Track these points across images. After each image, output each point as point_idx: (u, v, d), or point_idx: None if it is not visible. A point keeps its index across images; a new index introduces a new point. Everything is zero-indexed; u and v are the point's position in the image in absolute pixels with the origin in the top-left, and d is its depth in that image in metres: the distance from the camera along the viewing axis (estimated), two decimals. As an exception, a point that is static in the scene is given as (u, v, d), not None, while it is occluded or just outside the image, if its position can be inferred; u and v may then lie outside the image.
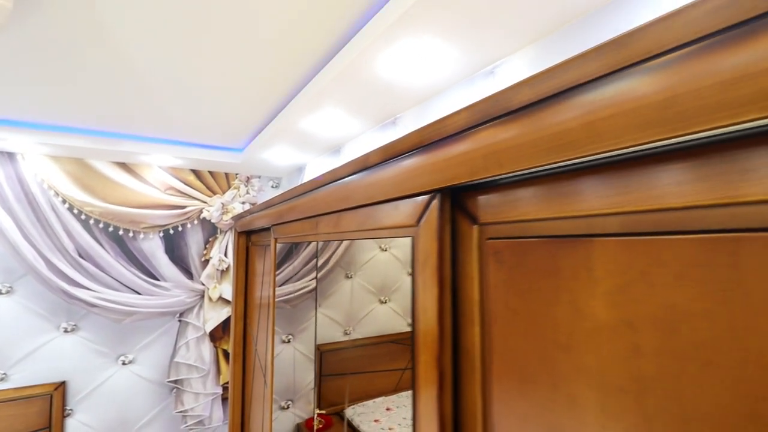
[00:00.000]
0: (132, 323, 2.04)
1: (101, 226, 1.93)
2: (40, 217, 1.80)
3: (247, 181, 2.33)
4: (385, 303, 1.02)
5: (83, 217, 1.88)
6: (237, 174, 2.31)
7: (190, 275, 2.17)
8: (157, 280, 2.07)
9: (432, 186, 0.43)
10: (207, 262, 2.20)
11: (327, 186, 0.72)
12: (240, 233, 1.62)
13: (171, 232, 2.11)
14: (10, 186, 1.74)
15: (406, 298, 0.49)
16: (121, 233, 1.98)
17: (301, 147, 1.83)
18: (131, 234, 2.00)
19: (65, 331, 1.92)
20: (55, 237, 1.82)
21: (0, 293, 1.80)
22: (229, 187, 2.28)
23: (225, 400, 2.23)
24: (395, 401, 0.91)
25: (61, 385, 1.88)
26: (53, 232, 1.81)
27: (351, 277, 1.14)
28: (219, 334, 2.23)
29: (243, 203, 2.26)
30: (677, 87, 0.22)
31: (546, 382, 0.33)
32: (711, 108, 0.20)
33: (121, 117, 1.58)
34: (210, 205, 2.16)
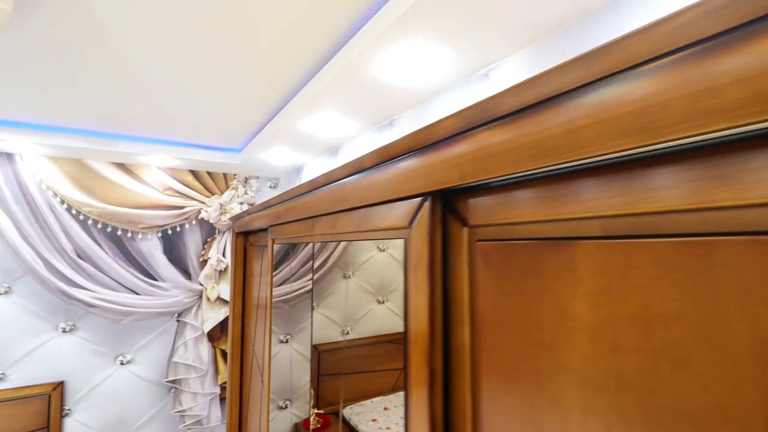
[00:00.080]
0: (130, 323, 2.04)
1: (99, 226, 1.94)
2: (38, 218, 1.81)
3: (246, 182, 2.34)
4: (383, 303, 1.03)
5: (81, 218, 1.88)
6: (235, 174, 2.31)
7: (188, 275, 2.18)
8: (156, 280, 2.08)
9: (424, 189, 0.44)
10: (205, 262, 2.21)
11: (323, 188, 0.73)
12: (238, 234, 1.63)
13: (169, 232, 2.12)
14: (8, 186, 1.74)
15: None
16: (120, 234, 1.98)
17: (299, 148, 1.84)
18: (129, 234, 2.01)
19: (63, 331, 1.92)
20: (54, 237, 1.83)
21: (-2, 293, 1.81)
22: (228, 188, 2.28)
23: (223, 399, 2.23)
24: (393, 401, 0.91)
25: (60, 385, 1.88)
26: (51, 232, 1.82)
27: (349, 277, 1.15)
28: (217, 334, 2.23)
29: (241, 204, 2.26)
30: (649, 98, 0.23)
31: (531, 380, 0.34)
32: (680, 119, 0.22)
33: (120, 118, 1.58)
34: (208, 206, 2.17)
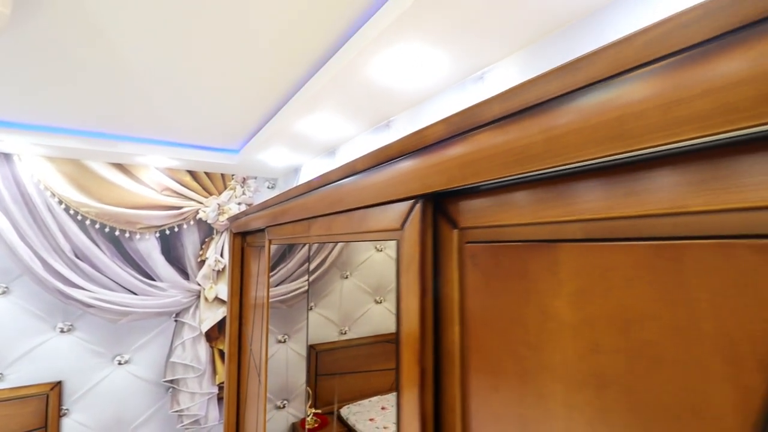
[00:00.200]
0: (128, 323, 2.05)
1: (97, 226, 1.94)
2: (36, 218, 1.81)
3: (243, 182, 2.34)
4: (381, 303, 1.03)
5: (79, 218, 1.89)
6: (233, 175, 2.31)
7: (186, 276, 2.18)
8: (153, 280, 2.08)
9: (415, 192, 0.45)
10: (203, 262, 2.21)
11: (318, 190, 0.74)
12: (235, 234, 1.64)
13: (167, 232, 2.12)
14: (6, 187, 1.75)
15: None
16: (118, 234, 1.99)
17: (297, 148, 1.85)
18: (127, 234, 2.01)
19: (61, 331, 1.93)
20: (52, 237, 1.83)
21: (-4, 294, 1.81)
22: (226, 188, 2.29)
23: (221, 399, 2.24)
24: (390, 400, 0.92)
25: (57, 385, 1.89)
26: (49, 232, 1.82)
27: (347, 278, 1.16)
28: (215, 334, 2.24)
29: (239, 204, 2.27)
30: (626, 107, 0.24)
31: (517, 378, 0.35)
32: (654, 127, 0.23)
33: (118, 118, 1.59)
34: (206, 206, 2.17)
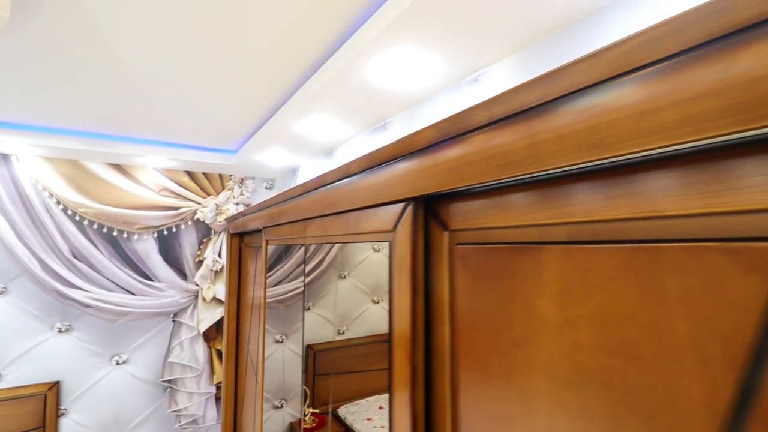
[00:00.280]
0: (126, 323, 2.05)
1: (95, 227, 1.95)
2: (34, 219, 1.81)
3: (241, 183, 2.35)
4: (378, 303, 1.04)
5: (77, 218, 1.89)
6: (231, 175, 2.32)
7: (184, 276, 2.19)
8: (151, 280, 2.09)
9: (407, 195, 0.46)
10: (201, 262, 2.22)
11: (314, 191, 0.75)
12: (233, 235, 1.65)
13: (165, 233, 2.13)
14: (4, 187, 1.75)
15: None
16: (116, 234, 1.99)
17: (295, 149, 1.85)
18: (125, 235, 2.01)
19: (59, 332, 1.93)
20: (50, 238, 1.84)
21: (-6, 294, 1.82)
22: (223, 189, 2.29)
23: (219, 399, 2.25)
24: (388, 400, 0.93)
25: (55, 385, 1.89)
26: (47, 233, 1.83)
27: (345, 278, 1.16)
28: (213, 334, 2.25)
29: (237, 204, 2.27)
30: (600, 116, 0.25)
31: (503, 376, 0.36)
32: (626, 136, 0.24)
33: (117, 119, 1.59)
34: (204, 207, 2.18)
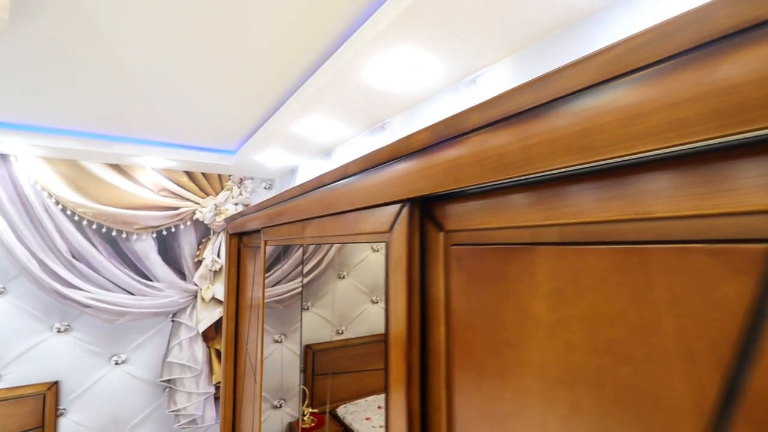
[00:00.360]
0: (125, 323, 2.06)
1: (94, 227, 1.95)
2: (33, 219, 1.82)
3: (240, 183, 2.35)
4: (377, 303, 1.04)
5: (76, 219, 1.89)
6: (230, 175, 2.32)
7: (183, 276, 2.19)
8: (150, 280, 2.09)
9: (403, 196, 0.46)
10: (200, 263, 2.22)
11: (312, 192, 0.75)
12: (232, 235, 1.65)
13: (164, 233, 2.13)
14: (3, 187, 1.75)
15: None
16: (114, 234, 1.99)
17: (294, 150, 1.86)
18: (124, 235, 2.02)
19: (58, 332, 1.93)
20: (48, 238, 1.84)
21: (-7, 294, 1.82)
22: (222, 189, 2.29)
23: (218, 399, 2.25)
24: (387, 399, 0.93)
25: (54, 385, 1.89)
26: (46, 233, 1.83)
27: (344, 278, 1.17)
28: (212, 334, 2.25)
29: (236, 204, 2.28)
30: (590, 120, 0.25)
31: (497, 375, 0.36)
32: (615, 140, 0.24)
33: (117, 119, 1.60)
34: (203, 207, 2.18)
